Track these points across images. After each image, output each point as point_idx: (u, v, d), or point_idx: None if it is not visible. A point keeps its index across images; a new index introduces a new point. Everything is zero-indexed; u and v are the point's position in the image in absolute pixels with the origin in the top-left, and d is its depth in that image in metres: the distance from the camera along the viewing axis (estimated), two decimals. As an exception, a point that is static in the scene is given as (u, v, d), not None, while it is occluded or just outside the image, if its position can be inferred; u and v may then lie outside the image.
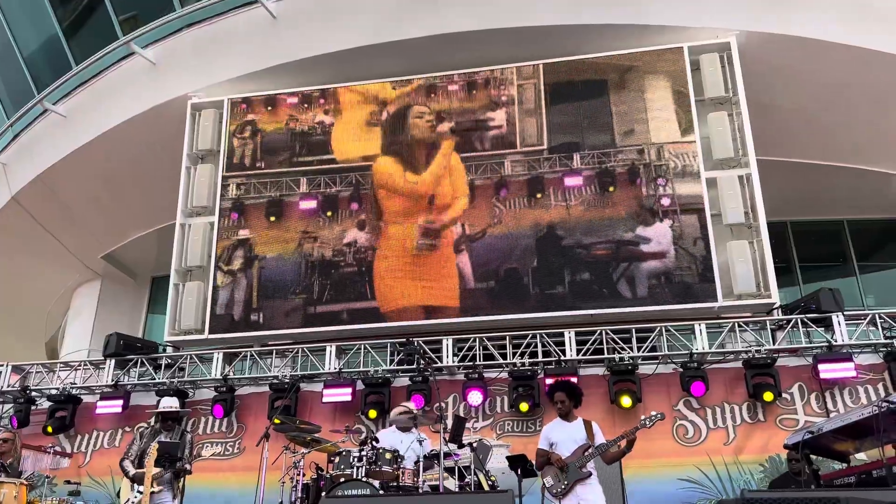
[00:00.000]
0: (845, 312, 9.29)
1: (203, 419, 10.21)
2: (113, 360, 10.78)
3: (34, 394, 10.82)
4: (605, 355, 9.40)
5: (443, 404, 9.21)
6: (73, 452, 10.40)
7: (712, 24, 10.69)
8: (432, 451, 7.10)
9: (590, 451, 6.02)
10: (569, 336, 9.56)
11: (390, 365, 9.98)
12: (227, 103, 11.90)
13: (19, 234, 14.21)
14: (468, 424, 8.81)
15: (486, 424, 9.39)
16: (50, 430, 10.28)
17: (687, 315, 9.63)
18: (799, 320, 9.30)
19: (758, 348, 9.13)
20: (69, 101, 12.96)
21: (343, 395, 9.63)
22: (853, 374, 8.70)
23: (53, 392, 10.67)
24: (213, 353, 10.55)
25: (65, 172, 13.09)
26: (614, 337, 9.46)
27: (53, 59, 13.15)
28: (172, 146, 11.88)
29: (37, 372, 11.14)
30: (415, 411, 7.64)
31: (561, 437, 6.17)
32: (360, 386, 9.79)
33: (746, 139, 10.14)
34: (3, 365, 11.02)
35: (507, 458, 7.57)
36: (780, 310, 9.74)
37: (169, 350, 11.21)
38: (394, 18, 11.06)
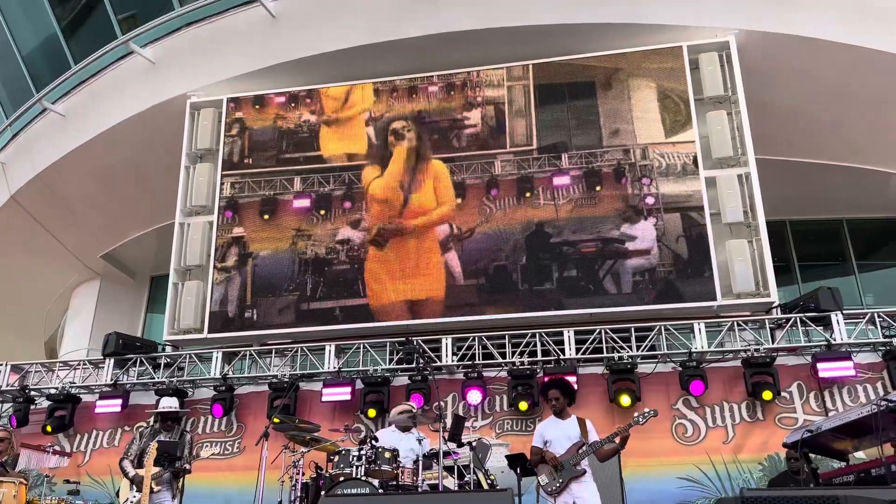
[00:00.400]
0: (844, 311, 9.29)
1: (202, 418, 10.21)
2: (112, 360, 10.78)
3: (33, 393, 10.81)
4: (605, 354, 9.40)
5: (442, 403, 9.22)
6: (73, 452, 10.39)
7: (711, 24, 10.70)
8: (431, 450, 7.11)
9: (584, 448, 6.03)
10: (568, 335, 9.57)
11: (389, 364, 9.98)
12: (226, 102, 11.92)
13: (18, 233, 14.20)
14: (467, 423, 8.79)
15: (486, 423, 9.40)
16: (49, 429, 10.28)
17: (686, 314, 9.64)
18: (798, 319, 9.31)
19: (757, 347, 9.13)
20: (68, 101, 12.95)
21: (342, 394, 9.63)
22: (852, 372, 8.70)
23: (52, 391, 10.66)
24: (212, 353, 10.54)
25: (64, 172, 13.08)
26: (613, 336, 9.46)
27: (52, 58, 13.14)
28: (171, 145, 11.88)
29: (36, 371, 11.13)
30: (414, 410, 7.64)
31: (555, 435, 6.19)
32: (359, 385, 9.79)
33: (745, 138, 10.15)
34: (2, 364, 11.01)
35: (507, 457, 7.59)
36: (779, 309, 9.74)
37: (168, 349, 11.21)
38: (392, 18, 11.06)
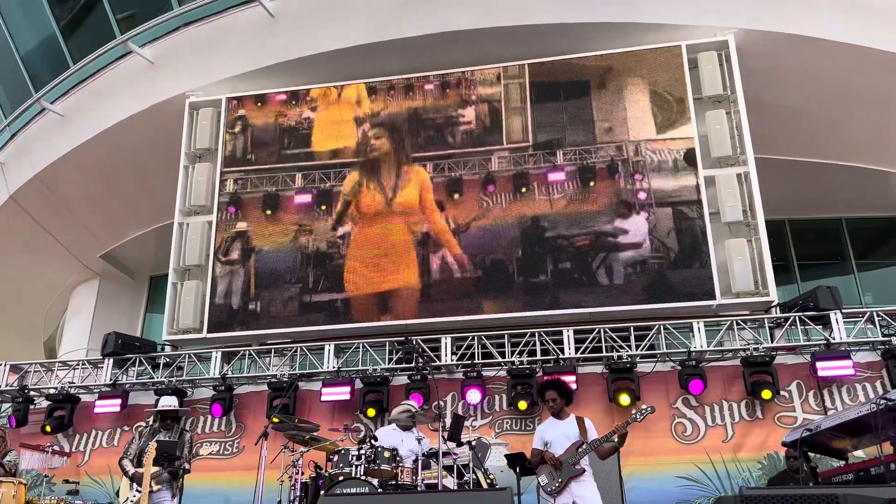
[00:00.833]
0: (843, 310, 9.29)
1: (202, 418, 10.21)
2: (111, 360, 10.77)
3: (32, 393, 10.81)
4: (604, 353, 9.40)
5: (441, 403, 9.22)
6: (72, 452, 10.39)
7: (710, 23, 10.70)
8: (431, 449, 7.10)
9: (583, 447, 6.04)
10: (567, 334, 9.58)
11: (389, 364, 9.98)
12: (225, 102, 11.92)
13: (17, 233, 14.19)
14: (467, 423, 8.81)
15: (485, 423, 9.40)
16: (48, 429, 10.28)
17: (685, 313, 9.65)
18: (797, 318, 9.31)
19: (756, 346, 9.14)
20: (67, 100, 12.94)
21: (342, 393, 9.64)
22: (851, 371, 8.71)
23: (52, 391, 10.66)
24: (211, 352, 10.54)
25: (63, 171, 13.08)
26: (613, 335, 9.47)
27: (51, 57, 13.13)
28: (170, 145, 11.87)
29: (35, 371, 11.13)
30: (413, 410, 7.63)
31: (554, 436, 6.19)
32: (358, 385, 9.80)
33: (744, 137, 10.16)
34: (1, 364, 11.01)
35: (506, 456, 7.59)
36: (778, 308, 9.74)
37: (167, 349, 11.21)
38: (391, 17, 11.06)
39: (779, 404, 8.84)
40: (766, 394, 8.67)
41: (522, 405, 9.10)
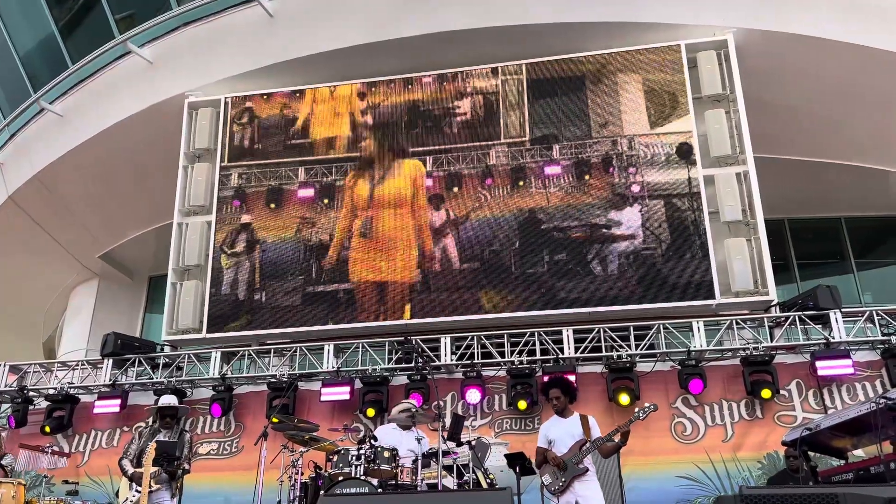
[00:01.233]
0: (843, 310, 9.30)
1: (201, 418, 10.21)
2: (111, 360, 10.77)
3: (32, 393, 10.80)
4: (604, 353, 9.41)
5: (441, 403, 9.22)
6: (71, 452, 10.38)
7: (709, 22, 10.70)
8: (431, 449, 7.10)
9: (586, 446, 6.03)
10: (567, 334, 9.58)
11: (388, 363, 9.98)
12: (224, 102, 11.93)
13: (16, 233, 14.18)
14: (466, 423, 8.81)
15: (485, 422, 9.40)
16: (48, 429, 10.27)
17: (685, 312, 9.65)
18: (797, 317, 9.32)
19: (755, 345, 9.14)
20: (66, 101, 12.93)
21: (341, 393, 9.63)
22: (851, 370, 8.71)
23: (51, 392, 10.65)
24: (210, 353, 10.54)
25: (62, 172, 13.06)
26: (612, 335, 9.47)
27: (50, 58, 13.12)
28: (169, 145, 11.87)
29: (34, 372, 11.13)
30: (413, 409, 7.62)
31: (558, 434, 6.19)
32: (358, 385, 9.79)
33: (744, 137, 10.16)
34: (0, 364, 11.00)
35: (506, 455, 7.57)
36: (777, 307, 9.75)
37: (167, 349, 11.20)
38: (389, 17, 11.06)
39: (778, 403, 8.84)
40: (766, 393, 8.67)
41: (522, 405, 9.10)
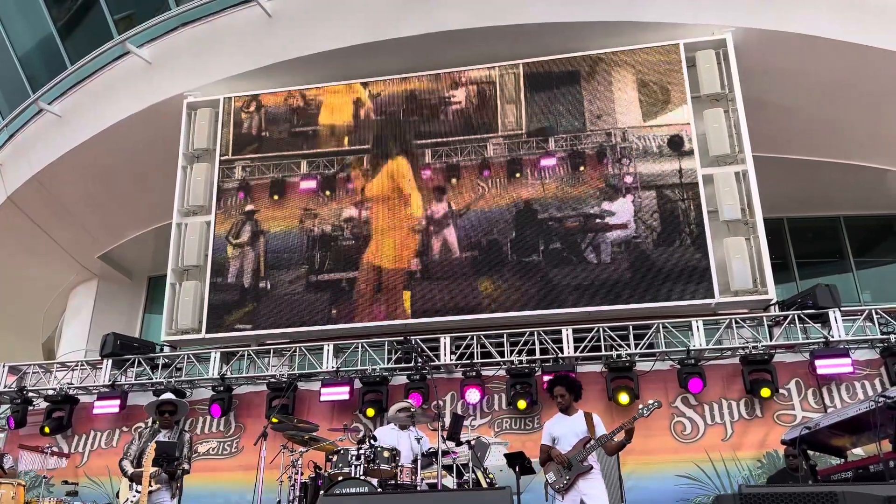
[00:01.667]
0: (842, 308, 9.29)
1: (201, 418, 10.20)
2: (110, 360, 10.76)
3: (31, 394, 10.80)
4: (603, 352, 9.40)
5: (440, 402, 9.21)
6: (71, 453, 10.38)
7: (708, 21, 10.71)
8: (430, 448, 7.10)
9: (590, 444, 6.03)
10: (566, 333, 9.58)
11: (388, 363, 9.98)
12: (223, 102, 11.93)
13: (15, 234, 14.18)
14: (466, 422, 8.81)
15: (484, 422, 9.40)
16: (47, 430, 10.26)
17: (684, 312, 9.65)
18: (796, 316, 9.32)
19: (755, 344, 9.14)
20: (64, 101, 12.94)
21: (341, 393, 9.62)
22: (850, 369, 8.70)
23: (50, 392, 10.65)
24: (210, 353, 10.54)
25: (61, 172, 13.06)
26: (612, 334, 9.47)
27: (48, 58, 13.11)
28: (168, 145, 11.86)
29: (33, 372, 11.12)
30: (413, 409, 7.63)
31: (562, 432, 6.19)
32: (357, 384, 9.78)
33: (743, 136, 10.17)
34: (-1, 365, 11.01)
35: (505, 455, 7.55)
36: (776, 306, 9.74)
37: (166, 350, 11.20)
38: (388, 17, 11.07)
39: (778, 402, 8.84)
40: (766, 392, 8.67)
41: (521, 404, 9.09)
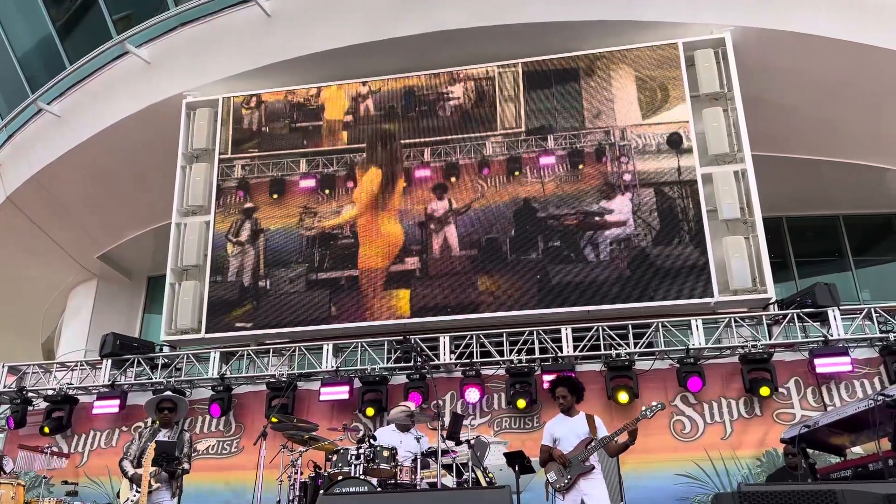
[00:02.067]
0: (841, 307, 9.30)
1: (200, 418, 10.21)
2: (109, 360, 10.76)
3: (31, 394, 10.79)
4: (602, 351, 9.41)
5: (440, 402, 9.21)
6: (70, 453, 10.38)
7: (707, 20, 10.71)
8: (430, 448, 7.11)
9: (592, 444, 6.02)
10: (565, 333, 9.59)
11: (387, 363, 9.98)
12: (222, 102, 11.93)
13: (15, 234, 14.17)
14: (466, 422, 8.81)
15: (484, 421, 9.40)
16: (47, 430, 10.25)
17: (683, 311, 9.66)
18: (795, 315, 9.32)
19: (754, 343, 9.15)
20: (63, 101, 12.93)
21: (340, 393, 9.63)
22: (849, 368, 8.71)
23: (50, 392, 10.65)
24: (209, 353, 10.54)
25: (60, 172, 13.06)
26: (611, 333, 9.48)
27: (47, 58, 13.11)
28: (167, 145, 11.86)
29: (33, 372, 11.12)
30: (412, 409, 7.63)
31: (564, 433, 6.18)
32: (357, 384, 9.79)
33: (742, 135, 10.17)
34: (-1, 365, 11.00)
35: (505, 454, 7.57)
36: (776, 305, 9.75)
37: (165, 350, 11.20)
38: (387, 16, 11.07)
39: (777, 401, 8.85)
40: (765, 391, 8.67)
41: (521, 404, 9.10)
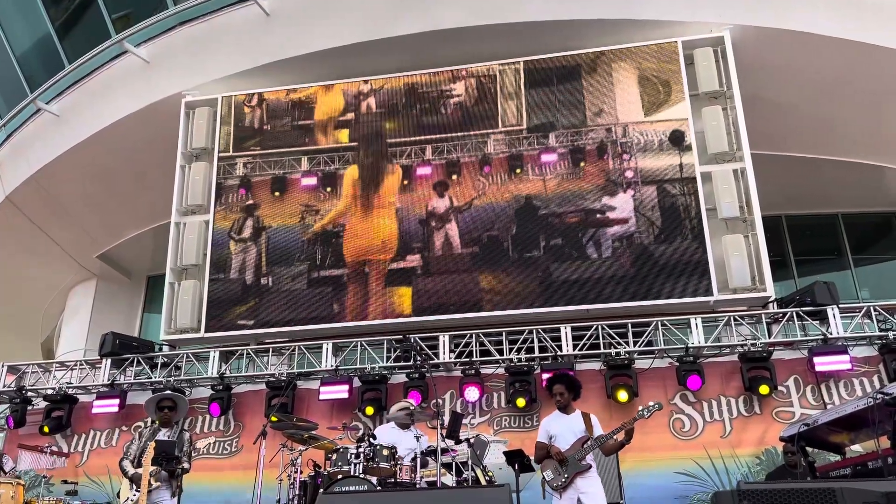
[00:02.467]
0: (840, 305, 9.31)
1: (200, 417, 10.21)
2: (109, 360, 10.76)
3: (30, 394, 10.79)
4: (602, 350, 9.41)
5: (440, 401, 9.22)
6: (70, 452, 10.38)
7: (706, 19, 10.71)
8: (430, 447, 7.10)
9: (589, 443, 6.02)
10: (565, 331, 9.59)
11: (387, 362, 9.99)
12: (221, 101, 11.92)
13: (14, 233, 14.16)
14: (465, 420, 8.81)
15: (484, 420, 9.41)
16: (46, 429, 10.26)
17: (682, 309, 9.66)
18: (794, 313, 9.33)
19: (753, 342, 9.15)
20: (62, 101, 12.92)
21: (340, 392, 9.63)
22: (848, 366, 8.71)
23: (49, 392, 10.64)
24: (209, 352, 10.54)
25: (59, 172, 13.05)
26: (610, 332, 9.48)
27: (46, 58, 13.10)
28: (166, 144, 11.85)
29: (32, 372, 11.12)
30: (412, 408, 7.63)
31: (560, 430, 6.17)
32: (356, 383, 9.80)
33: (741, 133, 10.17)
34: (-1, 365, 11.00)
35: (505, 453, 7.58)
36: (775, 303, 9.75)
37: (165, 349, 11.20)
38: (386, 15, 11.06)
39: (776, 399, 8.85)
40: (764, 389, 8.68)
41: (521, 402, 9.10)
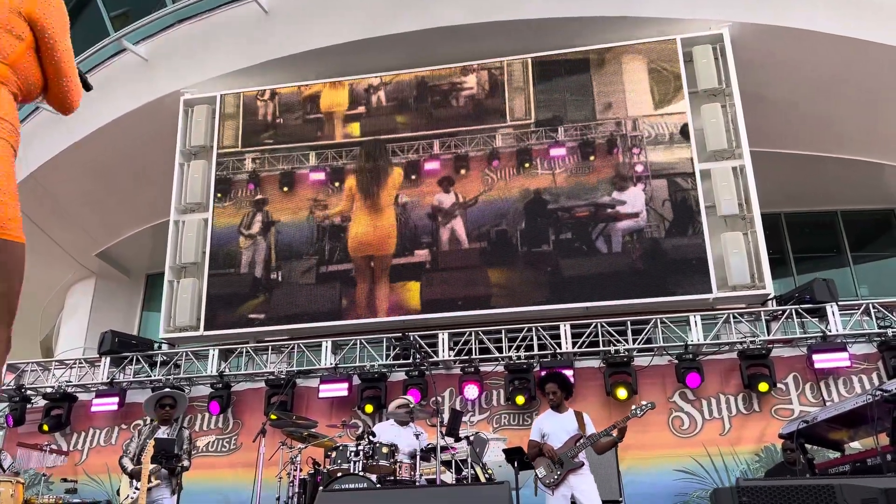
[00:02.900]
0: (839, 303, 9.32)
1: (199, 415, 10.21)
2: (108, 358, 10.76)
3: (29, 392, 10.79)
4: (601, 348, 9.42)
5: (439, 398, 9.22)
6: (70, 450, 10.38)
7: (705, 16, 10.71)
8: (429, 444, 7.11)
9: (581, 441, 6.04)
10: (564, 329, 9.60)
11: (386, 360, 9.99)
12: (220, 98, 11.92)
13: (13, 232, 14.12)
14: (465, 418, 8.81)
15: (483, 418, 9.42)
16: (46, 428, 10.26)
17: (682, 307, 9.67)
18: (793, 311, 9.34)
19: (752, 339, 9.16)
20: (61, 99, 12.88)
21: (339, 390, 9.64)
22: (847, 363, 8.73)
23: (49, 390, 10.64)
24: (208, 350, 10.54)
25: (58, 170, 13.03)
26: (609, 329, 9.49)
27: (44, 56, 13.06)
28: (165, 142, 11.84)
29: (32, 370, 11.11)
30: (411, 405, 7.63)
31: (553, 428, 6.19)
32: (356, 381, 9.80)
33: (740, 131, 10.17)
34: (-3, 363, 10.97)
35: (504, 451, 7.57)
36: (774, 300, 9.77)
37: (164, 347, 11.20)
38: (385, 13, 11.06)
39: (775, 397, 8.87)
40: (763, 386, 8.69)
41: (520, 400, 9.12)
